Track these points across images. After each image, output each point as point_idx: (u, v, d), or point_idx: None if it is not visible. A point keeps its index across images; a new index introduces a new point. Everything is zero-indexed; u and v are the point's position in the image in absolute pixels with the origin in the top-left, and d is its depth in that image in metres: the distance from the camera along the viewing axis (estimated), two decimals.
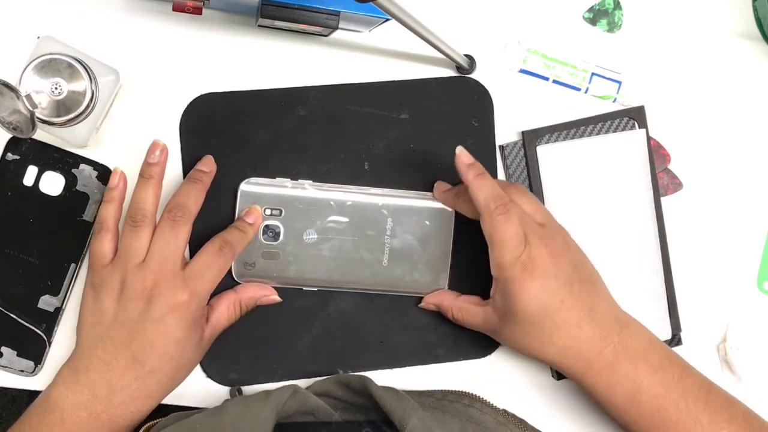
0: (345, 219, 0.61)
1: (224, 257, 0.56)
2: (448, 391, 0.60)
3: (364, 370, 0.62)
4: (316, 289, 0.61)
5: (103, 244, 0.56)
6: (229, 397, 0.61)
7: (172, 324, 0.54)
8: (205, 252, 0.56)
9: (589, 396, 0.57)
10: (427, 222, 0.62)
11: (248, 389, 0.61)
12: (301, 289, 0.61)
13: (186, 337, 0.55)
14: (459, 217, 0.62)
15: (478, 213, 0.56)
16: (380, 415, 0.55)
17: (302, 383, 0.61)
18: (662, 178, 0.65)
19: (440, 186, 0.62)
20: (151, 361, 0.54)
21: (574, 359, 0.56)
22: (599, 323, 0.55)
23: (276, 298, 0.60)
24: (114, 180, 0.57)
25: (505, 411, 0.59)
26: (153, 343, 0.54)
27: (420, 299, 0.63)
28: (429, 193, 0.62)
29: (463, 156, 0.57)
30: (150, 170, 0.56)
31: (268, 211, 0.60)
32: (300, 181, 0.61)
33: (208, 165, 0.59)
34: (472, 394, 0.59)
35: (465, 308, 0.60)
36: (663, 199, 0.65)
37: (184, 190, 0.57)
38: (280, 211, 0.60)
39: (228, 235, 0.57)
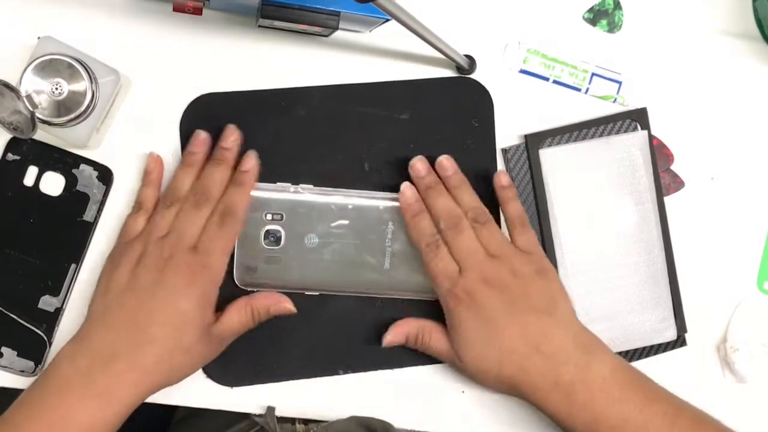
0: (346, 223, 0.60)
1: (227, 226, 0.57)
2: None
3: (364, 370, 0.62)
4: (318, 293, 0.61)
5: (137, 221, 0.58)
6: (265, 416, 0.60)
7: (180, 294, 0.55)
8: (210, 224, 0.57)
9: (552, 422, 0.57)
10: None
11: (250, 390, 0.61)
12: (304, 293, 0.61)
13: (192, 311, 0.55)
14: None
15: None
16: None
17: (304, 386, 0.62)
18: (664, 178, 0.65)
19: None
20: (153, 328, 0.54)
21: (528, 389, 0.56)
22: (552, 354, 0.55)
23: (288, 306, 0.59)
24: (150, 164, 0.60)
25: None
26: (158, 311, 0.54)
27: (423, 302, 0.62)
28: None
29: (405, 192, 0.60)
30: (189, 158, 0.59)
31: (269, 216, 0.60)
32: (301, 185, 0.61)
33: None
34: None
35: (434, 333, 0.59)
36: (664, 199, 0.65)
37: (208, 172, 0.58)
38: (282, 216, 0.60)
39: (227, 198, 0.58)
